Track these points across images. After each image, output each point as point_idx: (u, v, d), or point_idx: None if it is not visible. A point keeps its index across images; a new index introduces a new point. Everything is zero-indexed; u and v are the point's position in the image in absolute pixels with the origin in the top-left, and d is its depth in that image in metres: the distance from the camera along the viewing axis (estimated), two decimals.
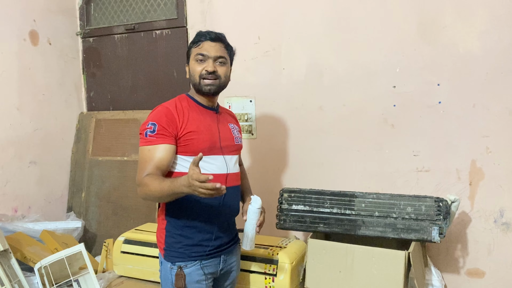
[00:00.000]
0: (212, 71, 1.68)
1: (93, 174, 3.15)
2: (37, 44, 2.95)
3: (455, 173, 2.28)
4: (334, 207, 2.10)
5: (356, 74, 2.44)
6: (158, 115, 1.64)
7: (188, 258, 1.68)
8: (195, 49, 1.71)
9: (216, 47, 1.70)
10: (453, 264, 2.32)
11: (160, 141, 1.61)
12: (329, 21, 2.48)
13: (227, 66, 1.75)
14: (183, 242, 1.69)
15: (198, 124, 1.68)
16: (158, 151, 1.60)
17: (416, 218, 1.96)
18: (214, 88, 1.71)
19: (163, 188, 1.49)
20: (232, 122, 1.89)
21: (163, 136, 1.61)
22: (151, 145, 1.61)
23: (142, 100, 3.13)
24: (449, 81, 2.25)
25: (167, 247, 1.71)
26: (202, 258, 1.70)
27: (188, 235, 1.69)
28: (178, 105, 1.69)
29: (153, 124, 1.62)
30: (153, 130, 1.61)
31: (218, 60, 1.70)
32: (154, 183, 1.52)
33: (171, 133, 1.62)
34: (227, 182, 1.72)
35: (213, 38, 1.71)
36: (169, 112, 1.65)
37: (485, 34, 2.17)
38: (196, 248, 1.69)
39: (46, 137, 3.03)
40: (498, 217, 2.22)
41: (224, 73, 1.72)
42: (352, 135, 2.48)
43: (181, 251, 1.68)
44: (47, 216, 2.99)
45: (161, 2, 3.00)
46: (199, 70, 1.69)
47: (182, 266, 1.67)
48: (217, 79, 1.70)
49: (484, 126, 2.21)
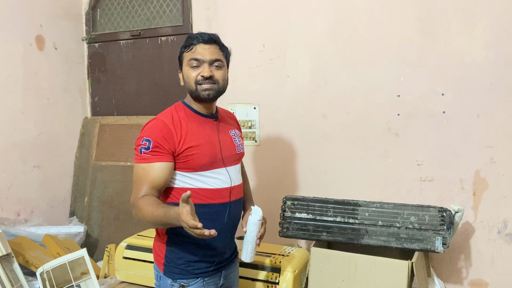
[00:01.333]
0: (208, 76, 1.55)
1: (96, 179, 3.16)
2: (43, 49, 2.97)
3: (459, 183, 2.27)
4: (337, 215, 2.09)
5: (360, 82, 2.45)
6: (153, 130, 1.53)
7: (190, 275, 1.60)
8: (188, 54, 1.58)
9: (210, 50, 1.57)
10: (456, 275, 2.31)
11: (155, 159, 1.50)
12: (333, 29, 2.49)
13: (224, 69, 1.61)
14: (185, 258, 1.60)
15: (197, 137, 1.57)
16: (153, 170, 1.50)
17: (420, 228, 1.95)
18: (212, 93, 1.57)
19: (157, 217, 1.41)
20: (233, 128, 1.78)
21: (158, 154, 1.51)
22: (145, 163, 1.51)
23: (146, 105, 3.14)
24: (454, 91, 2.25)
25: (167, 262, 1.62)
26: (205, 275, 1.62)
27: (191, 251, 1.59)
28: (175, 117, 1.57)
29: (147, 140, 1.51)
30: (147, 147, 1.51)
31: (214, 63, 1.57)
32: (148, 209, 1.43)
33: (168, 150, 1.52)
34: (231, 196, 1.64)
35: (206, 40, 1.57)
36: (165, 127, 1.53)
37: (489, 44, 2.17)
38: (199, 264, 1.61)
39: (50, 142, 3.04)
40: (502, 228, 2.21)
41: (221, 77, 1.59)
42: (356, 143, 2.47)
43: (183, 268, 1.60)
44: (50, 220, 2.98)
45: (167, 8, 3.02)
46: (194, 76, 1.56)
47: (184, 285, 1.59)
48: (215, 84, 1.57)
49: (488, 136, 2.20)
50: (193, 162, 1.55)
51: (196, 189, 1.57)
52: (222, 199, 1.62)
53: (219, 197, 1.61)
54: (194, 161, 1.55)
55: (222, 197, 1.62)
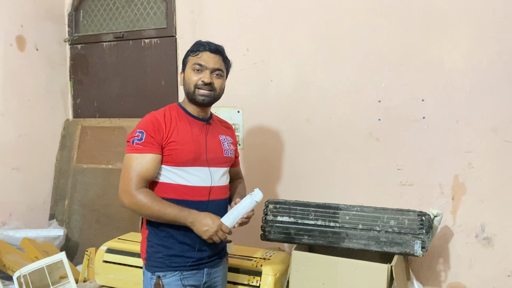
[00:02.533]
0: (208, 82, 1.66)
1: (77, 182, 3.12)
2: (23, 49, 2.93)
3: (438, 188, 2.31)
4: (318, 219, 2.10)
5: (342, 87, 2.47)
6: (146, 124, 1.64)
7: (168, 268, 1.65)
8: (193, 58, 1.69)
9: (215, 59, 1.69)
10: (435, 278, 2.34)
11: (147, 150, 1.60)
12: (317, 35, 2.52)
13: (223, 79, 1.74)
14: (163, 252, 1.66)
15: (184, 134, 1.66)
16: (145, 160, 1.59)
17: (399, 231, 1.97)
18: (208, 99, 1.69)
19: (167, 214, 1.57)
20: (225, 134, 1.85)
21: (150, 145, 1.60)
22: (138, 153, 1.60)
23: (129, 108, 3.12)
24: (433, 97, 2.29)
25: (148, 257, 1.69)
26: (183, 269, 1.66)
27: (168, 245, 1.66)
28: (167, 114, 1.68)
29: (140, 132, 1.61)
30: (140, 138, 1.60)
31: (215, 72, 1.69)
32: (155, 206, 1.56)
33: (158, 142, 1.61)
34: (211, 196, 1.69)
35: (213, 50, 1.70)
36: (156, 120, 1.64)
37: (468, 52, 2.22)
38: (176, 258, 1.66)
39: (30, 144, 2.99)
40: (479, 232, 2.25)
41: (219, 86, 1.71)
42: (338, 147, 2.50)
43: (161, 261, 1.66)
44: (29, 223, 2.94)
45: (150, 11, 3.01)
46: (195, 80, 1.67)
47: (161, 276, 1.64)
48: (212, 91, 1.69)
49: (467, 141, 2.25)
50: (176, 157, 1.63)
51: (176, 184, 1.65)
52: (200, 197, 1.68)
53: (197, 195, 1.67)
54: (177, 155, 1.63)
55: (201, 195, 1.68)
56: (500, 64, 2.17)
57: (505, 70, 2.16)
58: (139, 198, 1.57)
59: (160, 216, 1.58)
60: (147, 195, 1.58)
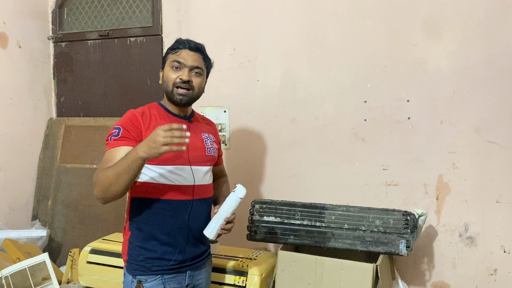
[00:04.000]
0: (186, 80, 1.63)
1: (60, 182, 3.07)
2: (6, 47, 2.88)
3: (423, 188, 2.33)
4: (304, 219, 2.11)
5: (328, 88, 2.48)
6: (124, 120, 1.62)
7: (149, 271, 1.62)
8: (172, 56, 1.67)
9: (194, 57, 1.67)
10: (420, 277, 2.36)
11: (123, 143, 1.55)
12: (303, 35, 2.52)
13: (202, 77, 1.71)
14: (145, 254, 1.63)
15: None
16: (120, 152, 1.52)
17: (385, 231, 1.99)
18: (186, 98, 1.66)
19: (117, 166, 1.43)
20: (207, 132, 1.82)
21: (126, 139, 1.56)
22: (113, 147, 1.56)
23: (113, 107, 3.08)
24: (418, 98, 2.32)
25: (129, 259, 1.66)
26: (164, 273, 1.63)
27: (150, 247, 1.63)
28: (146, 112, 1.66)
29: (117, 128, 1.59)
30: (117, 134, 1.57)
31: (194, 70, 1.66)
32: (107, 170, 1.45)
33: (135, 138, 1.57)
34: (194, 195, 1.67)
35: (192, 48, 1.67)
36: (133, 116, 1.62)
37: (453, 53, 2.25)
38: (158, 261, 1.63)
39: (12, 143, 2.94)
40: (463, 231, 2.28)
41: (198, 85, 1.68)
42: (324, 147, 2.50)
43: (142, 264, 1.63)
44: (10, 224, 2.88)
45: (136, 9, 2.98)
46: (173, 77, 1.65)
47: (142, 280, 1.61)
48: (191, 90, 1.66)
49: (451, 142, 2.27)
50: None
51: (157, 184, 1.62)
52: (184, 196, 1.65)
53: (180, 194, 1.64)
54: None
55: (184, 194, 1.65)
56: (483, 66, 2.20)
57: (488, 72, 2.19)
58: (96, 177, 1.49)
59: (119, 173, 1.42)
60: (102, 170, 1.48)
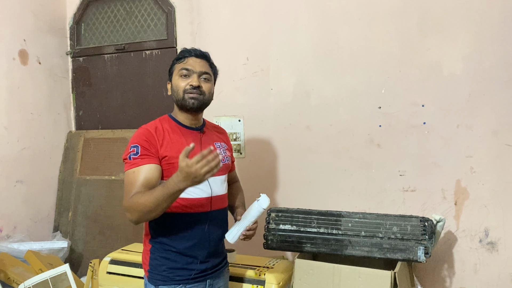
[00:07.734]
0: (196, 85, 1.64)
1: (80, 194, 3.13)
2: (26, 63, 2.96)
3: (441, 193, 2.30)
4: (321, 226, 2.10)
5: (342, 94, 2.48)
6: (138, 137, 1.60)
7: (172, 281, 1.63)
8: (179, 65, 1.68)
9: (201, 63, 1.69)
10: (440, 284, 2.33)
11: (145, 162, 1.55)
12: (316, 43, 2.53)
13: (211, 83, 1.72)
14: (167, 265, 1.64)
15: (179, 147, 1.59)
16: (143, 171, 1.53)
17: (402, 238, 1.97)
18: (197, 102, 1.66)
19: (157, 196, 1.43)
20: (220, 140, 1.82)
21: (147, 157, 1.56)
22: (135, 167, 1.55)
23: (131, 119, 3.13)
24: (433, 102, 2.30)
25: (151, 269, 1.67)
26: (187, 282, 1.64)
27: (172, 258, 1.64)
28: (159, 127, 1.65)
29: (135, 147, 1.57)
30: (136, 152, 1.56)
31: (203, 75, 1.68)
32: (144, 196, 1.46)
33: (155, 154, 1.58)
34: (212, 206, 1.68)
35: (198, 55, 1.70)
36: (149, 133, 1.61)
37: (467, 56, 2.23)
38: (180, 271, 1.64)
39: (34, 156, 3.01)
40: (483, 237, 2.24)
41: (208, 90, 1.69)
42: (339, 154, 2.50)
43: (165, 274, 1.64)
44: (33, 236, 2.94)
45: (151, 23, 3.04)
46: (183, 85, 1.65)
47: None
48: (202, 95, 1.66)
49: (468, 146, 2.24)
50: (174, 170, 1.51)
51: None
52: (202, 208, 1.66)
53: (198, 206, 1.65)
54: (175, 169, 1.51)
55: (202, 207, 1.66)
56: (499, 68, 2.17)
57: (505, 74, 2.16)
58: (131, 202, 1.49)
59: (158, 202, 1.44)
60: (136, 195, 1.49)
